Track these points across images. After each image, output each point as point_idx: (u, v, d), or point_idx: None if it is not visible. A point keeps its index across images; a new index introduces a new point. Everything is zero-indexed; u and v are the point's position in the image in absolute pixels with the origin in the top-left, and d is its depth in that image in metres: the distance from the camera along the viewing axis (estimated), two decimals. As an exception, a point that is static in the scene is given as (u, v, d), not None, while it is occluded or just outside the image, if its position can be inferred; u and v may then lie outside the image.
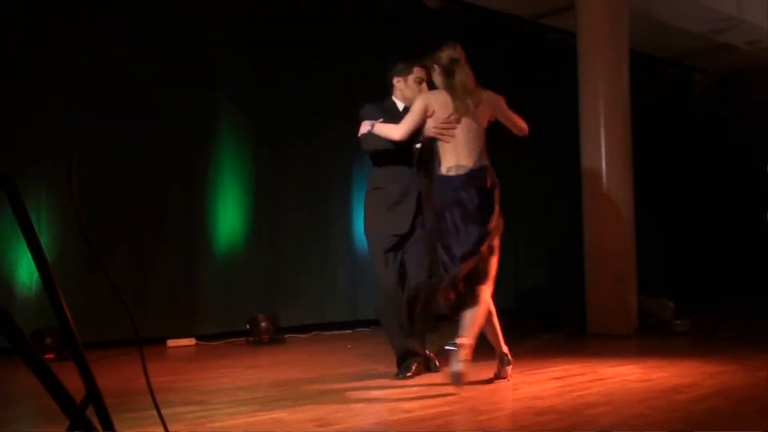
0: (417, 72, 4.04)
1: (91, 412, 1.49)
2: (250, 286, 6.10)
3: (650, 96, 9.09)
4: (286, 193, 6.38)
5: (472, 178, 3.63)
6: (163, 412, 1.86)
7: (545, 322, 7.08)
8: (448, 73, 3.74)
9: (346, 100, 6.07)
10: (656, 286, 7.06)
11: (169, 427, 1.91)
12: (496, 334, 3.81)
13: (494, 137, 4.22)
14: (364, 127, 3.87)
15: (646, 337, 5.84)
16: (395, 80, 4.10)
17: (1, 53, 5.02)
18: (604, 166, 6.16)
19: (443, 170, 3.68)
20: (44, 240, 4.46)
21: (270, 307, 5.90)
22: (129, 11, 5.60)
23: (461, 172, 3.64)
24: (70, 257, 5.03)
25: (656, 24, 8.25)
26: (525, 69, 8.22)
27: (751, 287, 9.48)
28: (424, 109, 3.72)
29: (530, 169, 8.37)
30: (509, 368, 3.80)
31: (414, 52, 4.11)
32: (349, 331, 6.38)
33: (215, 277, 5.93)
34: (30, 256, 1.56)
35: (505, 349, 3.82)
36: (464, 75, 3.75)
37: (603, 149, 6.17)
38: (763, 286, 9.27)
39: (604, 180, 6.15)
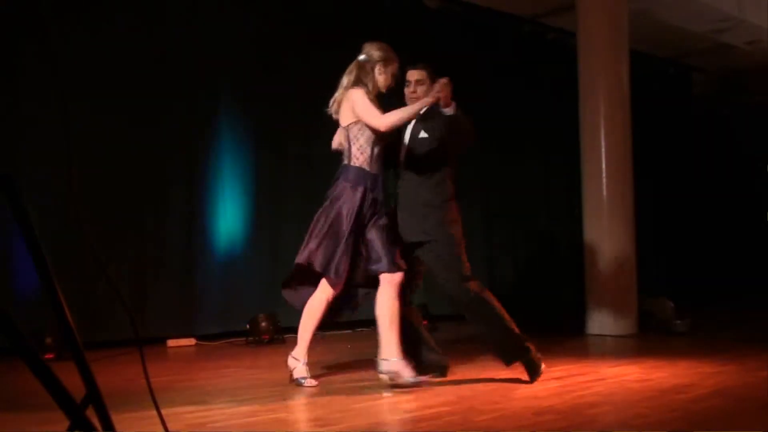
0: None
1: (91, 412, 1.49)
2: (250, 286, 6.09)
3: (650, 96, 9.10)
4: (285, 192, 6.38)
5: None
6: (163, 412, 1.86)
7: (545, 322, 7.08)
8: None
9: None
10: (656, 286, 7.06)
11: (169, 427, 1.91)
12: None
13: (494, 136, 4.23)
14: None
15: (646, 337, 5.85)
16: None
17: (2, 53, 5.02)
18: (604, 165, 6.17)
19: None
20: (44, 240, 4.46)
21: (270, 307, 5.90)
22: (129, 10, 5.59)
23: None
24: (70, 257, 5.02)
25: (656, 24, 8.25)
26: (525, 69, 8.22)
27: (751, 287, 9.49)
28: None
29: (530, 169, 8.38)
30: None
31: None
32: (349, 331, 6.38)
33: (215, 277, 5.93)
34: (30, 255, 1.56)
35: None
36: (344, 76, 3.91)
37: (603, 149, 6.18)
38: (763, 286, 9.28)
39: (604, 180, 6.16)
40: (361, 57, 3.88)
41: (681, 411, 3.03)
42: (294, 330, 6.00)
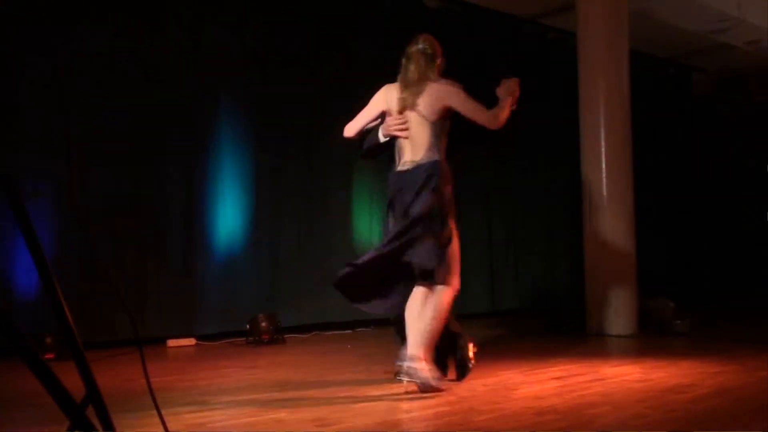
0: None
1: (91, 412, 1.49)
2: (250, 286, 6.10)
3: (650, 96, 9.09)
4: (285, 192, 6.38)
5: (415, 173, 3.56)
6: (163, 412, 1.86)
7: (545, 322, 7.08)
8: (404, 66, 3.69)
9: (346, 101, 6.07)
10: (656, 286, 7.05)
11: (169, 427, 1.91)
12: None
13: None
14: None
15: (646, 337, 5.84)
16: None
17: (2, 53, 5.02)
18: (604, 165, 6.16)
19: (398, 166, 3.64)
20: (44, 240, 4.46)
21: (270, 307, 5.90)
22: (129, 10, 5.60)
23: (409, 167, 3.58)
24: (70, 257, 5.03)
25: (656, 24, 8.26)
26: (525, 69, 8.20)
27: (751, 287, 9.49)
28: (373, 103, 3.74)
29: (530, 169, 8.38)
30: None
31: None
32: (349, 331, 6.38)
33: (215, 277, 5.93)
34: (30, 256, 1.56)
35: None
36: (413, 66, 3.64)
37: (603, 149, 6.17)
38: (763, 286, 9.28)
39: (604, 180, 6.16)
40: (420, 47, 3.68)
41: (681, 411, 3.03)
42: (293, 330, 6.06)
